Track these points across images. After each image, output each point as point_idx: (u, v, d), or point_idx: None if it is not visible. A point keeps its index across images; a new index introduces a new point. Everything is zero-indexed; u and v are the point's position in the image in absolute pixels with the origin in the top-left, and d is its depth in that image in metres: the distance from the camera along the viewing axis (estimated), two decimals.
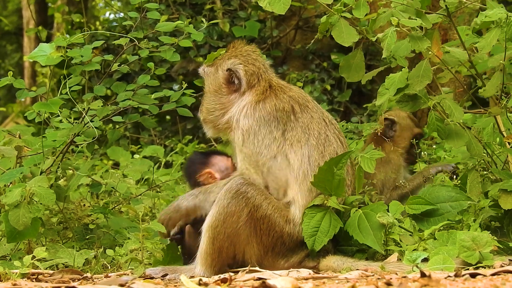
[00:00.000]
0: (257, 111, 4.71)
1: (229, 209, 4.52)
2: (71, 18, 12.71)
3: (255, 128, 4.67)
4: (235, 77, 4.84)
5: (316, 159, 4.63)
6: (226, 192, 4.55)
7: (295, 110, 4.72)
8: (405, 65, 4.97)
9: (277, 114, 4.68)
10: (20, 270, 4.44)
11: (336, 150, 4.69)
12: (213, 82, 4.95)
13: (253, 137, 4.66)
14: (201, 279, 3.71)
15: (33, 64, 18.05)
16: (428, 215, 4.75)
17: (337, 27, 4.82)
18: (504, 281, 3.30)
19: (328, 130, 4.74)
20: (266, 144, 4.63)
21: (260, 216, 4.54)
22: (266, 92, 4.78)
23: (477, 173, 5.00)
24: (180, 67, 11.03)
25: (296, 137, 4.66)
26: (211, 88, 4.97)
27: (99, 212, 5.78)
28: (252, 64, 4.86)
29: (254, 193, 4.55)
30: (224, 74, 4.88)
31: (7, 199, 4.79)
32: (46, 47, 5.16)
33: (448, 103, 4.80)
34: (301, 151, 4.63)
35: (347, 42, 4.80)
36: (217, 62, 4.96)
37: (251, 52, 4.94)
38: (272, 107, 4.70)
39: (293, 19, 11.16)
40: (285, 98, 4.75)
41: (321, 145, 4.66)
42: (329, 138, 4.71)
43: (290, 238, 4.61)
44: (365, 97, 10.70)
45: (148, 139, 10.92)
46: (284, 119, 4.68)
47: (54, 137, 5.40)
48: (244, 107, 4.77)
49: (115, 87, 5.60)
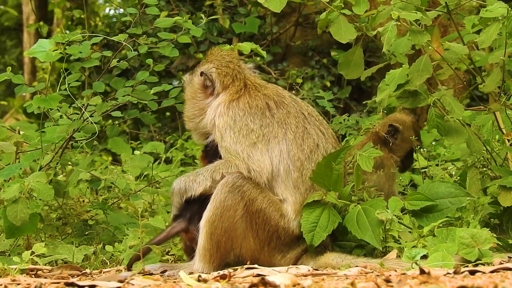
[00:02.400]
0: (230, 109, 4.78)
1: (226, 203, 4.54)
2: (71, 14, 12.70)
3: (231, 123, 4.73)
4: (208, 80, 4.93)
5: (295, 153, 4.66)
6: (223, 187, 4.57)
7: (270, 106, 4.77)
8: (405, 62, 4.97)
9: (251, 111, 4.74)
10: (19, 265, 4.44)
11: (316, 141, 4.72)
12: (190, 89, 5.06)
13: (229, 131, 4.71)
14: (200, 275, 3.71)
15: (33, 59, 18.03)
16: (427, 211, 4.75)
17: (336, 23, 4.83)
18: (503, 278, 3.30)
19: (307, 123, 4.76)
20: (243, 134, 4.68)
21: (255, 210, 4.55)
22: (240, 91, 4.85)
23: (476, 170, 5.00)
24: (180, 63, 11.02)
25: (273, 133, 4.69)
26: (188, 95, 5.07)
27: (98, 208, 5.78)
28: (226, 66, 4.95)
29: (249, 187, 4.57)
30: (199, 79, 4.98)
31: (6, 195, 4.79)
32: (46, 43, 5.16)
33: (448, 100, 4.80)
34: (279, 146, 4.67)
35: (345, 39, 4.81)
36: (194, 70, 5.08)
37: (226, 56, 5.03)
38: (246, 104, 4.77)
39: (293, 15, 11.15)
40: (259, 96, 4.82)
41: (299, 138, 4.69)
42: (308, 131, 4.73)
43: (285, 232, 4.62)
44: (365, 93, 10.69)
45: (148, 135, 10.92)
46: (259, 115, 4.73)
47: (53, 133, 5.40)
48: (218, 107, 4.84)
49: (114, 83, 5.60)
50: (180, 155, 9.13)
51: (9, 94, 20.17)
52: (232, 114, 4.75)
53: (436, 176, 6.46)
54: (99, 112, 5.41)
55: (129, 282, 3.53)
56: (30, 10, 15.70)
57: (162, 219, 5.86)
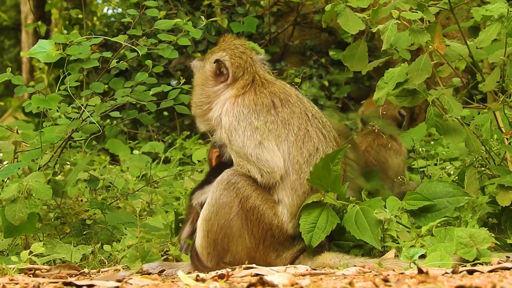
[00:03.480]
0: (235, 106, 4.73)
1: (221, 200, 4.55)
2: (68, 14, 12.68)
3: (235, 124, 4.68)
4: (224, 67, 4.85)
5: (295, 155, 4.63)
6: (218, 184, 4.58)
7: (276, 104, 4.72)
8: (408, 57, 4.96)
9: (256, 108, 4.69)
10: (17, 265, 4.44)
11: (316, 145, 4.67)
12: (200, 76, 4.97)
13: (235, 134, 4.67)
14: (198, 274, 3.71)
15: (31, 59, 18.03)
16: (425, 210, 4.75)
17: (343, 15, 4.82)
18: (501, 278, 3.31)
19: (310, 125, 4.72)
20: (248, 135, 4.63)
21: (250, 207, 4.55)
22: (246, 87, 4.79)
23: (474, 170, 5.00)
24: (178, 63, 11.02)
25: (277, 132, 4.66)
26: (198, 81, 4.98)
27: (96, 208, 5.78)
28: (239, 57, 4.88)
29: (244, 184, 4.57)
30: (211, 67, 4.89)
31: (4, 194, 4.80)
32: (46, 44, 5.14)
33: (446, 99, 4.79)
34: (281, 147, 4.64)
35: (354, 29, 4.79)
36: (206, 56, 5.00)
37: (240, 46, 4.95)
38: (251, 101, 4.71)
39: (291, 15, 11.15)
40: (265, 92, 4.75)
41: (300, 141, 4.65)
42: (310, 133, 4.68)
43: (279, 231, 4.62)
44: (363, 93, 10.69)
45: (146, 135, 10.91)
46: (264, 112, 4.68)
47: (52, 133, 5.40)
48: (225, 103, 4.79)
49: (113, 84, 5.60)
50: (179, 154, 9.12)
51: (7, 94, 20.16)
52: (237, 113, 4.69)
53: (435, 175, 6.46)
54: (98, 112, 5.41)
55: (127, 282, 3.53)
56: (29, 9, 15.69)
57: (161, 218, 5.85)
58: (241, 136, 4.64)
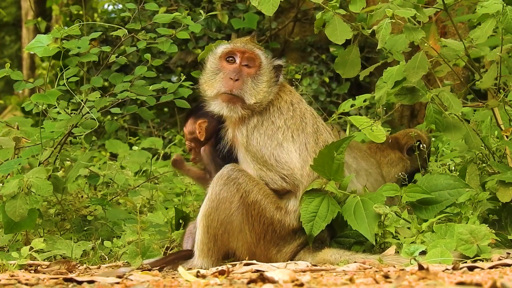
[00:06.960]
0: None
1: (221, 195, 4.55)
2: (69, 10, 12.67)
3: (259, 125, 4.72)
4: (281, 74, 4.87)
5: (312, 145, 4.69)
6: (218, 179, 4.58)
7: (293, 102, 4.81)
8: (402, 59, 4.99)
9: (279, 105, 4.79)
10: (17, 261, 4.45)
11: (326, 139, 4.77)
12: (267, 72, 4.82)
13: (256, 133, 4.67)
14: (199, 271, 3.71)
15: (32, 55, 18.03)
16: (426, 203, 4.75)
17: (331, 24, 4.82)
18: (501, 274, 3.31)
19: (318, 122, 4.84)
20: (269, 135, 4.65)
21: (251, 202, 4.55)
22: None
23: (475, 166, 5.01)
24: (179, 59, 11.02)
25: (296, 125, 4.70)
26: (264, 77, 4.81)
27: (97, 204, 5.79)
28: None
29: (245, 179, 4.58)
30: (274, 68, 4.85)
31: (5, 190, 4.80)
32: (44, 38, 5.14)
33: (446, 96, 4.80)
34: (299, 139, 4.68)
35: (340, 40, 4.81)
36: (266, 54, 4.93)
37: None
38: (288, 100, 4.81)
39: (292, 11, 11.15)
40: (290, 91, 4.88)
41: (315, 133, 4.75)
42: (320, 129, 4.79)
43: (281, 225, 4.62)
44: (363, 89, 10.69)
45: (146, 130, 10.91)
46: (285, 110, 4.75)
47: (52, 128, 5.40)
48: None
49: (113, 78, 5.59)
50: (179, 150, 9.12)
51: (7, 90, 20.16)
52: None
53: (435, 172, 6.45)
54: (98, 108, 5.40)
55: (128, 278, 3.53)
56: (29, 5, 15.68)
57: (161, 214, 5.85)
58: (262, 135, 4.70)
